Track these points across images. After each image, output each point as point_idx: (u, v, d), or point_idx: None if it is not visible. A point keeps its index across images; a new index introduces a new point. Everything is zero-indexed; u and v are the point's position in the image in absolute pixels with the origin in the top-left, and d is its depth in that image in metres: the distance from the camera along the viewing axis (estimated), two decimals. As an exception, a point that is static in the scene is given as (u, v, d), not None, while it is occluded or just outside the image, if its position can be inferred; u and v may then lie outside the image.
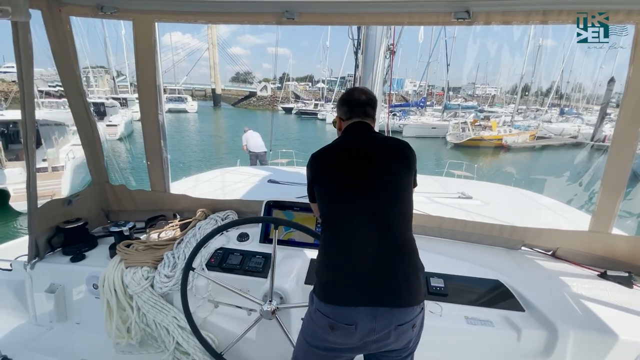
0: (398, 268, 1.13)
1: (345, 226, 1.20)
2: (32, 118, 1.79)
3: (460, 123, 24.09)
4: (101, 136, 2.36)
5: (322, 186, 1.31)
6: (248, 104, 53.88)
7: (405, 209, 1.24)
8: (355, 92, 1.48)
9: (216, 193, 3.30)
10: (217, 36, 52.16)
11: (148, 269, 1.83)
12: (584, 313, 1.58)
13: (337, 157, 1.32)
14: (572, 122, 28.65)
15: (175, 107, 38.05)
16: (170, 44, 46.77)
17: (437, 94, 45.60)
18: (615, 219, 1.90)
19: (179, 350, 1.78)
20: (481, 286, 1.74)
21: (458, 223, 2.15)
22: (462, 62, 51.85)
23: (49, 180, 8.65)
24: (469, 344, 1.59)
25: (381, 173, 1.24)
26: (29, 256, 1.99)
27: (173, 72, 47.97)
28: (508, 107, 35.04)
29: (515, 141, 22.77)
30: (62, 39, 1.97)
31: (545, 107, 33.12)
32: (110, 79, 30.62)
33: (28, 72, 1.68)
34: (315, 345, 1.20)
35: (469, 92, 62.18)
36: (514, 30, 65.64)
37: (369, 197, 1.21)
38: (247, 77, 67.74)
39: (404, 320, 1.10)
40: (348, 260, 1.15)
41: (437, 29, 30.36)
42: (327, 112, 35.73)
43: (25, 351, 1.71)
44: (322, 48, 44.66)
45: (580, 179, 8.95)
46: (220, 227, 1.65)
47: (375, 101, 1.46)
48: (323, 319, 1.13)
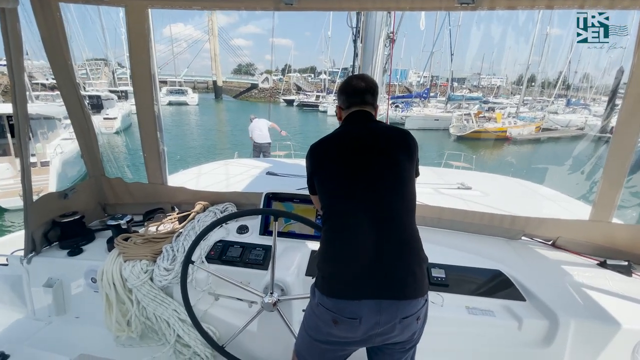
0: (402, 260, 1.14)
1: (347, 218, 1.20)
2: (25, 110, 1.78)
3: (463, 115, 24.01)
4: (96, 129, 2.35)
5: (322, 178, 1.31)
6: (249, 96, 54.22)
7: (408, 199, 1.24)
8: (354, 79, 1.46)
9: (214, 186, 3.31)
10: (217, 27, 52.01)
11: (147, 262, 1.85)
12: (584, 302, 1.62)
13: (337, 148, 1.31)
14: (579, 114, 28.47)
15: (175, 100, 38.66)
16: (171, 36, 46.63)
17: (442, 84, 45.29)
18: (616, 209, 1.94)
19: (179, 343, 1.82)
20: (482, 276, 1.78)
21: (458, 213, 2.17)
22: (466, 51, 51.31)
23: (38, 175, 8.55)
24: (470, 333, 1.62)
25: (382, 163, 1.24)
26: (26, 250, 2.00)
27: (173, 64, 47.99)
28: (513, 98, 34.79)
29: (520, 133, 22.70)
30: (52, 27, 1.93)
31: (551, 98, 32.83)
32: (110, 71, 30.50)
33: (18, 63, 1.66)
34: (318, 339, 1.21)
35: (474, 82, 61.80)
36: (520, 18, 64.97)
37: (370, 188, 1.21)
38: (249, 68, 68.09)
39: (408, 312, 1.12)
40: (350, 253, 1.16)
41: (441, 17, 30.12)
42: (328, 104, 35.62)
43: (24, 347, 1.73)
44: (324, 38, 44.34)
45: (582, 167, 8.95)
46: (220, 219, 1.67)
47: (375, 87, 1.44)
48: (326, 313, 1.14)
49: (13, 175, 8.93)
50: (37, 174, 8.75)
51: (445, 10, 1.79)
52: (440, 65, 41.11)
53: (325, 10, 2.02)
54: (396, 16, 2.58)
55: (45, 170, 9.17)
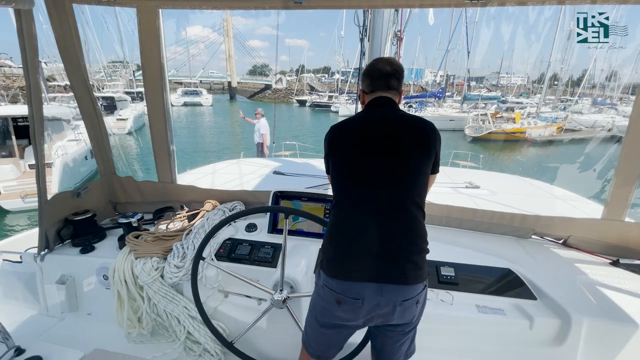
0: (404, 248, 1.20)
1: (355, 204, 1.27)
2: (40, 110, 1.87)
3: (479, 115, 23.65)
4: (108, 129, 2.47)
5: (335, 161, 1.36)
6: (263, 97, 55.43)
7: (417, 192, 1.27)
8: (380, 62, 1.43)
9: (222, 185, 3.38)
10: (233, 29, 53.18)
11: (158, 259, 1.93)
12: (597, 301, 1.64)
13: (353, 134, 1.34)
14: (605, 114, 27.62)
15: (190, 101, 40.20)
16: (186, 38, 47.73)
17: (458, 84, 44.75)
18: (629, 207, 1.96)
19: (190, 340, 1.90)
20: (492, 275, 1.81)
21: (467, 212, 2.20)
22: (484, 49, 50.78)
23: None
24: (481, 332, 1.66)
25: (394, 154, 1.26)
26: (39, 248, 2.10)
27: (189, 65, 49.35)
28: (534, 98, 34.04)
29: (540, 134, 22.21)
30: (66, 28, 2.03)
31: (575, 97, 32.01)
32: (126, 73, 31.36)
33: (34, 63, 1.73)
34: (324, 323, 1.30)
35: (493, 81, 60.85)
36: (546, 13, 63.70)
37: (379, 177, 1.25)
38: (264, 69, 69.68)
39: (409, 296, 1.20)
40: (355, 237, 1.23)
41: (457, 13, 29.80)
42: (340, 104, 35.64)
43: (39, 342, 1.80)
44: (337, 38, 44.49)
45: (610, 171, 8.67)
46: (230, 216, 1.74)
47: (401, 72, 1.41)
48: (331, 294, 1.23)
49: (17, 176, 9.20)
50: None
51: (454, 7, 1.80)
52: (457, 63, 40.63)
53: (334, 9, 2.05)
54: (403, 15, 2.59)
55: (48, 172, 9.35)
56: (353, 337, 1.54)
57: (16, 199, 8.42)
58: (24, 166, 9.63)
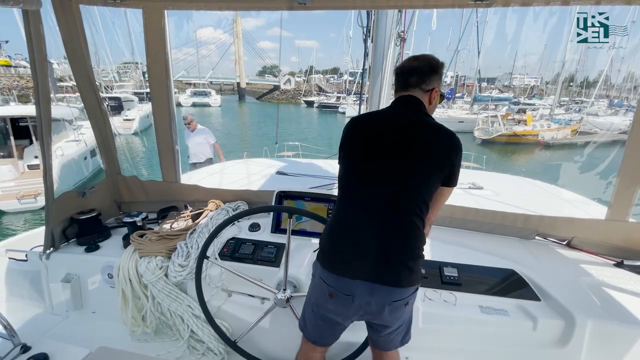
0: (398, 253, 1.24)
1: (356, 202, 1.32)
2: (48, 110, 1.93)
3: (489, 117, 23.44)
4: (114, 129, 2.54)
5: (344, 155, 1.40)
6: (272, 98, 56.13)
7: (420, 201, 1.26)
8: (407, 60, 1.41)
9: (226, 184, 3.44)
10: (243, 30, 54.11)
11: (162, 258, 1.99)
12: (602, 302, 1.67)
13: (366, 131, 1.36)
14: (623, 116, 27.13)
15: (199, 101, 41.07)
16: (195, 39, 48.41)
17: (469, 84, 44.42)
18: (633, 208, 1.97)
19: (193, 338, 1.95)
20: (495, 276, 1.85)
21: (470, 212, 2.24)
22: (495, 49, 50.33)
23: (38, 178, 8.78)
24: (484, 333, 1.69)
25: (401, 159, 1.26)
26: (45, 246, 2.17)
27: (198, 66, 50.63)
28: (548, 99, 33.61)
29: (554, 137, 21.91)
30: (72, 29, 2.09)
31: (591, 98, 31.49)
32: (136, 74, 31.91)
33: (41, 64, 1.78)
34: (318, 314, 1.38)
35: (505, 82, 60.30)
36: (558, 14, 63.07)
37: (383, 180, 1.27)
38: (274, 70, 70.55)
39: (398, 297, 1.25)
40: (353, 236, 1.28)
41: (467, 13, 29.60)
42: (347, 105, 35.61)
43: (44, 339, 1.83)
44: (345, 38, 44.55)
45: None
46: (234, 216, 1.80)
47: (424, 67, 1.36)
48: (325, 287, 1.30)
49: (14, 177, 9.31)
50: (40, 176, 8.97)
51: (458, 8, 1.82)
52: (467, 63, 40.27)
53: (339, 10, 2.08)
54: (407, 16, 2.61)
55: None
56: (354, 338, 1.57)
57: (13, 200, 8.55)
58: (22, 167, 9.76)
